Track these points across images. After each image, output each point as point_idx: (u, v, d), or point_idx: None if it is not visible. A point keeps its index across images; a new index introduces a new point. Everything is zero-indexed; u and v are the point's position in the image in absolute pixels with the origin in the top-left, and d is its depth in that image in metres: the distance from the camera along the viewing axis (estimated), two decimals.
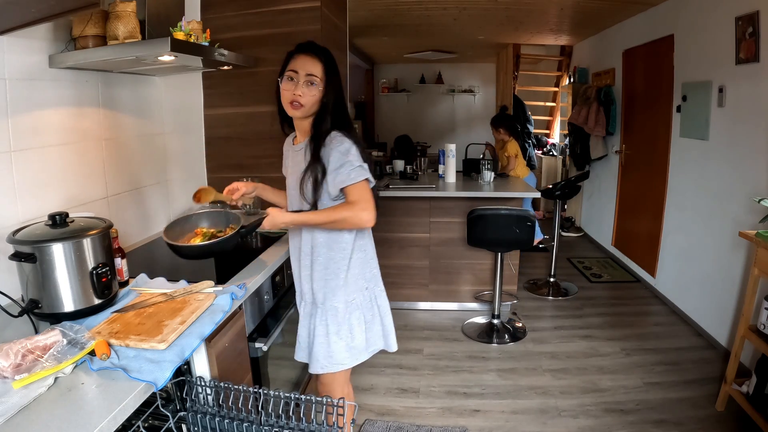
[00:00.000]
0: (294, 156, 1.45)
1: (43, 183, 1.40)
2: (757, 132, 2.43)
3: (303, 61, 1.35)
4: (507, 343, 2.88)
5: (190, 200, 2.27)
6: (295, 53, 1.38)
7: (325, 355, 1.43)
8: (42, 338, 0.95)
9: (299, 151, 1.42)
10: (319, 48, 1.38)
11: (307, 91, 1.34)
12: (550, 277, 3.78)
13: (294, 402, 0.99)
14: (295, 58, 1.37)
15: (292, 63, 1.37)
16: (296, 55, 1.37)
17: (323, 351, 1.43)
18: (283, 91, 1.37)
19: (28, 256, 1.07)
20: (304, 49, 1.38)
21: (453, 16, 4.07)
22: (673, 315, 3.23)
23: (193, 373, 1.15)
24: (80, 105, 1.55)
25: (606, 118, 4.38)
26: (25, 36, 1.31)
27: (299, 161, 1.40)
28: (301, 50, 1.38)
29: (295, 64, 1.35)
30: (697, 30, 3.00)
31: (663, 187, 3.47)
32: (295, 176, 1.42)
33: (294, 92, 1.34)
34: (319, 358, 1.43)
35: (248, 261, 1.59)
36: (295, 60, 1.36)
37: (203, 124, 2.38)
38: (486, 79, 7.45)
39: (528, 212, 2.67)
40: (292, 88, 1.34)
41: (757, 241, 1.96)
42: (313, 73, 1.34)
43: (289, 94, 1.35)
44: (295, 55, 1.38)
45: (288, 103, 1.36)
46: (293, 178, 1.44)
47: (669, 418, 2.11)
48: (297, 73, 1.34)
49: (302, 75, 1.33)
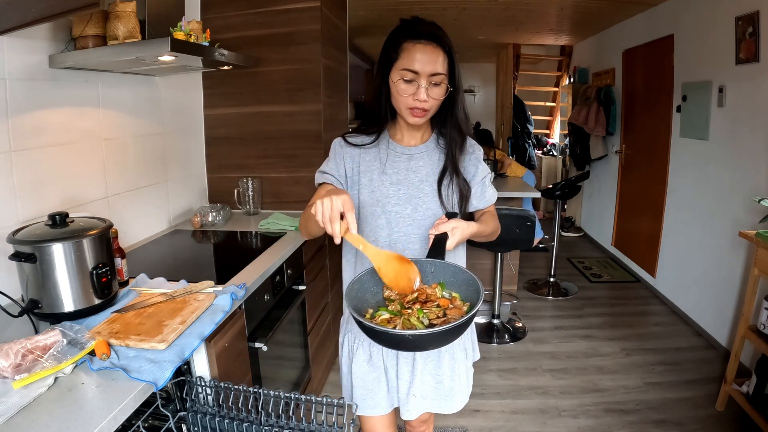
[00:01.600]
0: (408, 160, 1.17)
1: (43, 183, 1.40)
2: (757, 132, 2.43)
3: (423, 55, 1.04)
4: (507, 343, 2.88)
5: (190, 200, 2.29)
6: (408, 39, 1.05)
7: (467, 382, 1.28)
8: (42, 338, 0.95)
9: (421, 153, 1.18)
10: (439, 32, 1.06)
11: (432, 95, 1.06)
12: (550, 277, 3.78)
13: (294, 402, 0.99)
14: (408, 51, 1.04)
15: (407, 57, 1.04)
16: (411, 44, 1.04)
17: (465, 379, 1.27)
18: (399, 96, 1.07)
19: (28, 256, 1.07)
20: (421, 35, 1.04)
21: (453, 16, 4.07)
22: (673, 315, 3.23)
23: (193, 373, 1.15)
24: (80, 105, 1.55)
25: (606, 118, 4.38)
26: (25, 36, 1.30)
27: (421, 165, 1.16)
28: (418, 36, 1.04)
29: (413, 62, 1.04)
30: (697, 30, 2.99)
31: (663, 187, 3.47)
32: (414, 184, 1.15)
33: (416, 97, 1.06)
34: (463, 389, 1.27)
35: (248, 261, 1.59)
36: (410, 52, 1.04)
37: (203, 124, 2.38)
38: (486, 79, 7.45)
39: (528, 212, 2.67)
40: (411, 92, 1.06)
41: (757, 241, 1.96)
42: (438, 71, 1.05)
43: (410, 100, 1.07)
44: (409, 43, 1.05)
45: (407, 108, 1.08)
46: (409, 186, 1.15)
47: (669, 418, 2.12)
48: (418, 74, 1.04)
49: (425, 77, 1.04)
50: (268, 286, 1.58)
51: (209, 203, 2.39)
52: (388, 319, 0.92)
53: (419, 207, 1.15)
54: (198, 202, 2.36)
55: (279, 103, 2.30)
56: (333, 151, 1.20)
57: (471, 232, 1.06)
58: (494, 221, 1.21)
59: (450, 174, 1.16)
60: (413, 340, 0.83)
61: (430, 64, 1.04)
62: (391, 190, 1.15)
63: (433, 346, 0.98)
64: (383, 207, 1.15)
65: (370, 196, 1.16)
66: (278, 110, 2.31)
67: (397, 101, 1.10)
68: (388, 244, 1.15)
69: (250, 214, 2.32)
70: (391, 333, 0.85)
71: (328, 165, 1.20)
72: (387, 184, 1.15)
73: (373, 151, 1.18)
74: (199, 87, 2.32)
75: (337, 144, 1.21)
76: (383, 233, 1.15)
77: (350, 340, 1.26)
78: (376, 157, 1.18)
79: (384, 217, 1.15)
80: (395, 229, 1.15)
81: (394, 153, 1.18)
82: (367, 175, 1.17)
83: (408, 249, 1.15)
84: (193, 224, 2.07)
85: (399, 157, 1.17)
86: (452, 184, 1.16)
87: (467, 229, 1.04)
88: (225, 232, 2.02)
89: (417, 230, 1.15)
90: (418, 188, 1.15)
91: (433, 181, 1.16)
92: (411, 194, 1.15)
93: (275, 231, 1.99)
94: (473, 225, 1.06)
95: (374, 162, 1.17)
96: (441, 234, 1.02)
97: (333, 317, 2.39)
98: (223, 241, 1.93)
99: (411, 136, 1.19)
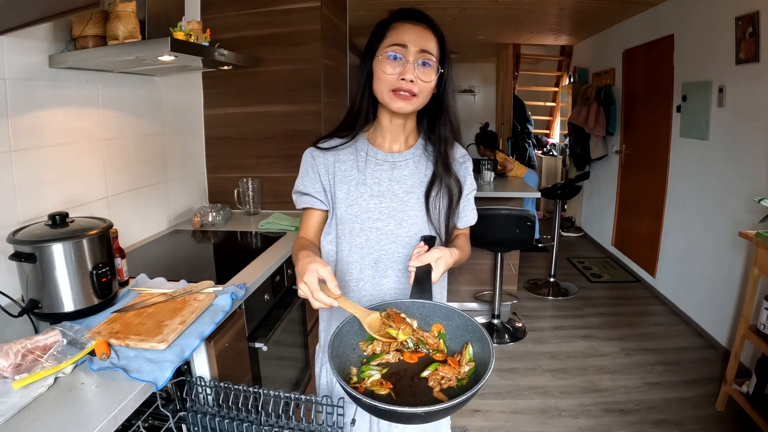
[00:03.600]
0: (391, 168, 1.02)
1: (43, 183, 1.40)
2: (757, 132, 2.43)
3: (413, 31, 0.92)
4: (507, 343, 2.88)
5: (190, 200, 2.29)
6: (396, 20, 0.95)
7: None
8: (42, 338, 0.95)
9: (406, 161, 1.03)
10: (431, 18, 0.96)
11: (421, 75, 0.92)
12: (550, 277, 3.78)
13: (294, 402, 0.99)
14: (396, 28, 0.94)
15: (393, 34, 0.93)
16: (399, 24, 0.94)
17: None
18: (383, 75, 0.93)
19: (28, 256, 1.07)
20: (411, 15, 0.95)
21: (453, 16, 4.07)
22: (673, 315, 3.23)
23: (193, 373, 1.15)
24: (80, 105, 1.55)
25: (606, 118, 4.38)
26: (25, 36, 1.30)
27: (406, 175, 1.02)
28: (408, 17, 0.94)
29: (402, 36, 0.92)
30: (697, 30, 2.99)
31: (663, 187, 3.47)
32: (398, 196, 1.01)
33: (402, 75, 0.91)
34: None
35: (248, 261, 1.59)
36: (399, 30, 0.93)
37: (203, 124, 2.38)
38: (486, 79, 7.45)
39: (528, 212, 2.67)
40: (398, 70, 0.92)
41: (757, 241, 1.95)
42: (428, 49, 0.92)
43: (394, 79, 0.92)
44: (397, 23, 0.94)
45: (390, 91, 0.93)
46: (392, 198, 1.01)
47: (669, 418, 2.11)
48: (406, 48, 0.91)
49: (413, 51, 0.91)
50: (268, 286, 1.57)
51: (209, 203, 2.39)
52: (380, 381, 0.77)
53: (404, 222, 1.00)
54: (198, 202, 2.35)
55: (279, 103, 2.30)
56: (305, 165, 1.04)
57: (453, 261, 0.93)
58: (468, 246, 1.09)
59: (439, 183, 1.01)
60: (425, 416, 0.68)
61: (420, 41, 0.92)
62: (372, 204, 1.00)
63: (444, 415, 0.77)
64: (362, 223, 1.00)
65: (347, 210, 1.00)
66: (278, 110, 2.32)
67: (380, 84, 0.94)
68: (368, 264, 1.01)
69: (250, 214, 2.32)
70: (399, 412, 0.68)
71: (303, 182, 1.04)
72: (366, 196, 1.00)
73: (350, 159, 1.02)
74: (199, 87, 2.32)
75: (308, 155, 1.05)
76: (363, 253, 1.01)
77: (329, 372, 1.09)
78: (353, 165, 1.02)
79: (363, 234, 1.00)
80: (376, 248, 1.01)
81: (374, 161, 1.02)
82: (343, 187, 1.01)
83: (391, 269, 1.02)
84: (193, 224, 2.07)
85: (380, 165, 1.02)
86: (441, 193, 1.02)
87: (450, 258, 0.90)
88: (225, 232, 2.02)
89: (401, 249, 1.01)
90: (403, 201, 1.01)
91: (420, 192, 1.01)
92: (394, 208, 1.00)
93: (275, 231, 1.99)
94: (455, 252, 0.93)
95: (351, 171, 1.01)
96: (423, 266, 0.88)
97: None
98: (223, 241, 1.93)
99: (394, 139, 1.03)
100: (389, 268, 1.02)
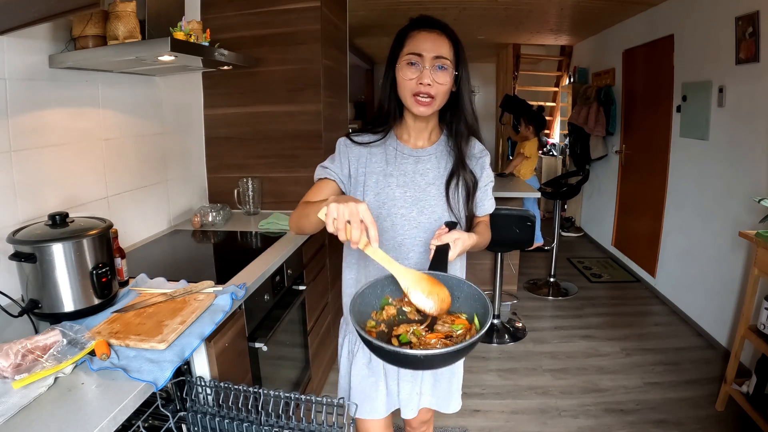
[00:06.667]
0: (416, 162, 1.15)
1: (43, 183, 1.40)
2: (757, 132, 2.43)
3: (427, 39, 1.04)
4: (507, 343, 2.88)
5: (190, 200, 2.29)
6: (412, 30, 1.07)
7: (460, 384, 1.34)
8: (42, 338, 0.95)
9: (429, 156, 1.15)
10: (445, 24, 1.08)
11: (437, 78, 1.04)
12: (550, 277, 3.78)
13: (294, 402, 0.99)
14: (413, 37, 1.06)
15: (410, 43, 1.05)
16: (415, 33, 1.06)
17: (459, 379, 1.34)
18: (404, 81, 1.05)
19: (28, 256, 1.07)
20: (425, 24, 1.06)
21: (453, 16, 4.07)
22: (673, 315, 3.23)
23: (193, 373, 1.15)
24: (80, 105, 1.55)
25: (606, 118, 4.38)
26: (25, 36, 1.30)
27: (428, 168, 1.14)
28: (422, 25, 1.06)
29: (417, 45, 1.04)
30: (697, 30, 3.00)
31: (663, 187, 3.47)
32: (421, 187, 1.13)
33: (420, 80, 1.03)
34: (458, 390, 1.33)
35: (248, 261, 1.59)
36: (415, 39, 1.05)
37: (203, 124, 2.38)
38: (486, 79, 7.45)
39: (528, 212, 2.67)
40: (416, 76, 1.04)
41: (757, 241, 1.96)
42: (442, 54, 1.04)
43: (413, 84, 1.04)
44: (413, 32, 1.06)
45: (412, 95, 1.05)
46: (415, 188, 1.13)
47: (669, 418, 2.12)
48: (422, 57, 1.03)
49: (429, 58, 1.03)
50: (268, 286, 1.58)
51: (209, 203, 2.39)
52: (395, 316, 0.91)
53: (425, 210, 1.13)
54: (198, 202, 2.36)
55: (279, 103, 2.30)
56: (338, 151, 1.18)
57: (471, 244, 1.04)
58: (488, 232, 1.21)
59: (457, 176, 1.13)
60: (425, 360, 0.77)
61: (435, 47, 1.03)
62: (398, 193, 1.12)
63: (443, 364, 0.92)
64: (389, 209, 1.12)
65: (376, 198, 1.13)
66: (278, 110, 2.32)
67: (402, 90, 1.07)
68: (392, 247, 1.13)
69: (250, 214, 2.32)
70: (402, 353, 0.77)
71: (332, 161, 1.17)
72: (393, 186, 1.13)
73: (380, 152, 1.15)
74: (199, 87, 2.32)
75: (341, 144, 1.17)
76: (388, 236, 1.13)
77: (350, 342, 1.26)
78: (382, 158, 1.14)
79: (389, 219, 1.12)
80: (400, 232, 1.13)
81: (401, 155, 1.15)
82: (372, 177, 1.14)
83: (413, 252, 1.14)
84: (193, 224, 2.07)
85: (406, 159, 1.14)
86: (459, 184, 1.13)
87: (468, 240, 1.02)
88: (225, 232, 2.02)
89: (422, 234, 1.13)
90: (425, 191, 1.13)
91: (440, 184, 1.14)
92: (417, 197, 1.13)
93: (275, 231, 1.99)
94: (473, 236, 1.05)
95: (380, 163, 1.14)
96: (443, 245, 0.98)
97: (333, 317, 2.39)
98: (223, 241, 1.93)
99: (418, 136, 1.16)
100: (411, 251, 1.14)
